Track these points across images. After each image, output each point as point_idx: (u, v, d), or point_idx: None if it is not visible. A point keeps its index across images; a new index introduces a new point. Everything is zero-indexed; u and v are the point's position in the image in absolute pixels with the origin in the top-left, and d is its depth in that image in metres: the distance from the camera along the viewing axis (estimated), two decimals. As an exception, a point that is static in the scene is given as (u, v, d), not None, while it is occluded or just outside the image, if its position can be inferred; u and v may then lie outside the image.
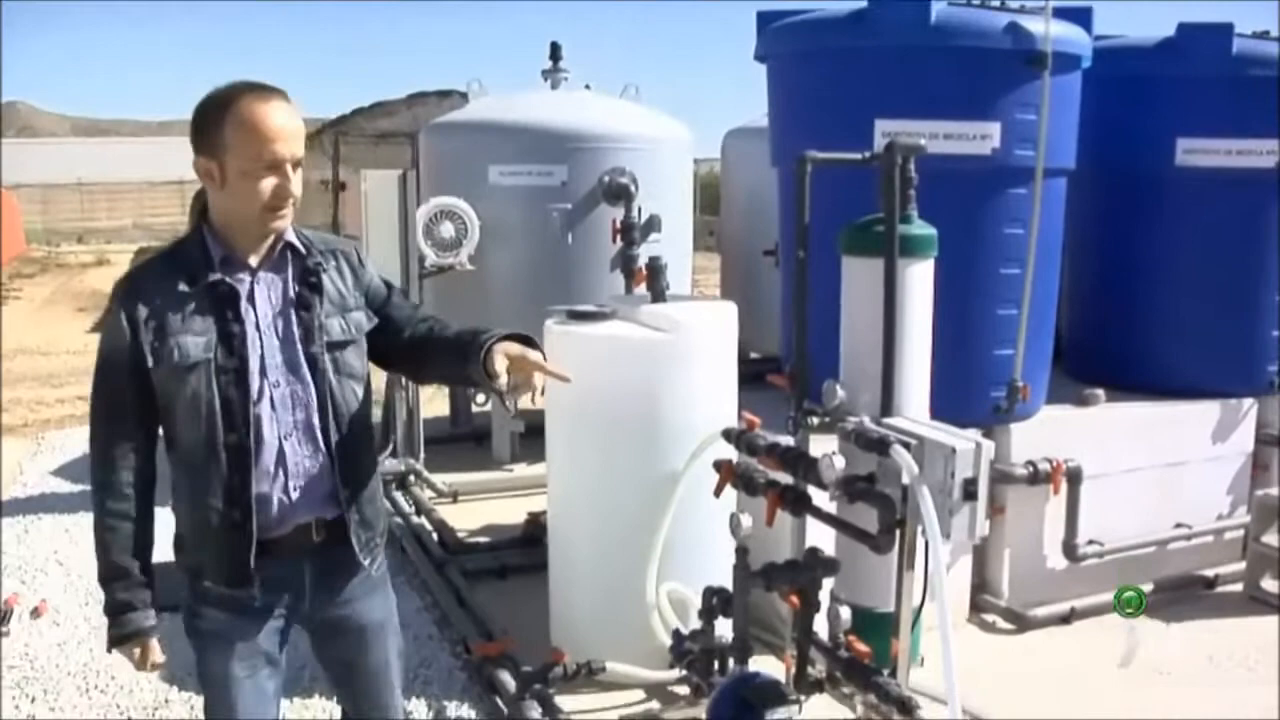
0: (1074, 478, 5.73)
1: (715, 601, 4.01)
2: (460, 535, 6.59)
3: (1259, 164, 6.21)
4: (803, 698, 3.85)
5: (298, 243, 2.85)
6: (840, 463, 3.58)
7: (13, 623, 5.62)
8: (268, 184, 2.69)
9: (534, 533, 6.17)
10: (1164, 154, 6.24)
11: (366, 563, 2.98)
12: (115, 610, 2.89)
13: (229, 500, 2.78)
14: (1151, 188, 6.38)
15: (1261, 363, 6.50)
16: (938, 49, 5.13)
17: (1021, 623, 5.65)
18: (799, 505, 3.93)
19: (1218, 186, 6.23)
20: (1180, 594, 6.06)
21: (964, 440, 3.45)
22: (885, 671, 3.79)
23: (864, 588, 4.01)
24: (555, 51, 8.88)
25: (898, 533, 3.58)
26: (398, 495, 7.37)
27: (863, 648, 3.83)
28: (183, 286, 2.77)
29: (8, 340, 16.82)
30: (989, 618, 5.74)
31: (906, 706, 3.62)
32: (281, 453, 2.82)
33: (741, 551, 3.85)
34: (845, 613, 3.87)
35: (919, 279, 3.98)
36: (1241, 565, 6.23)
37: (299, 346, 2.85)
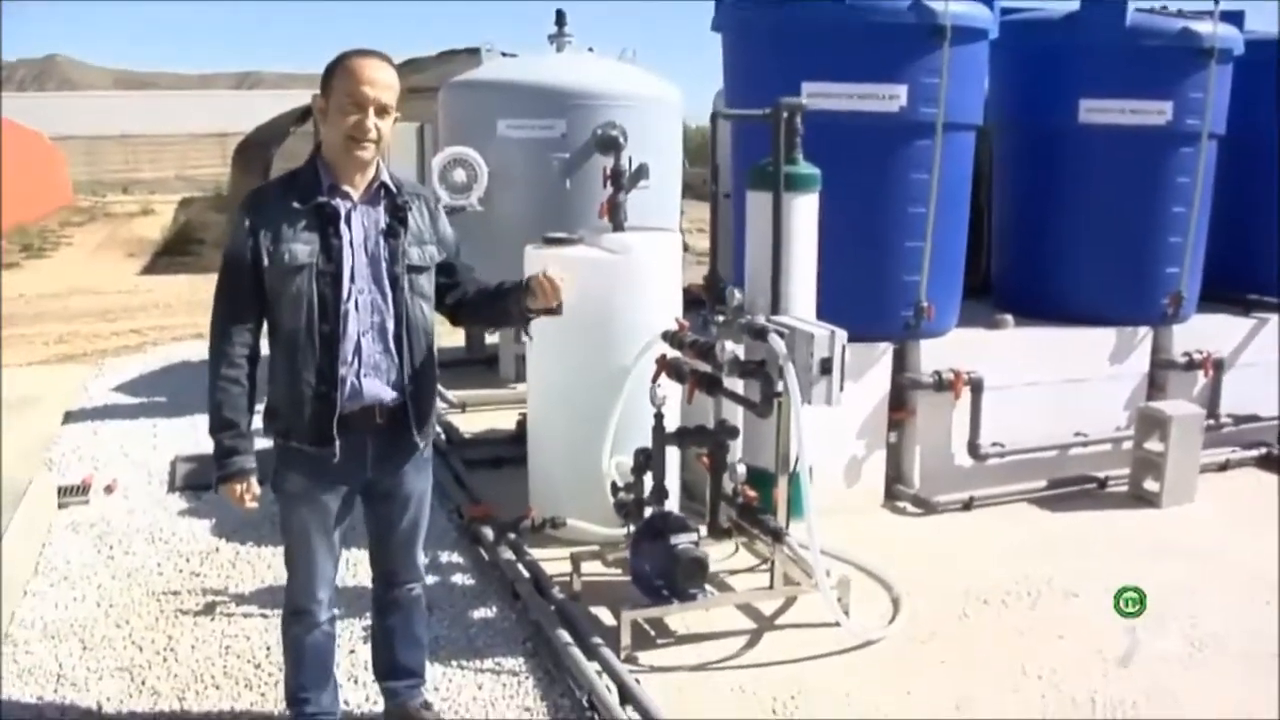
0: (976, 387, 6.78)
1: (643, 459, 5.11)
2: (464, 435, 7.72)
3: (1152, 122, 7.21)
4: (703, 530, 4.95)
5: (391, 184, 3.65)
6: (731, 348, 4.67)
7: (90, 495, 6.77)
8: (351, 119, 3.43)
9: (523, 431, 7.25)
10: (1069, 113, 7.26)
11: (420, 444, 3.82)
12: (224, 455, 3.55)
13: (319, 377, 3.51)
14: (1059, 142, 7.40)
15: (1156, 295, 7.51)
16: (854, 24, 6.16)
17: (927, 508, 6.71)
18: (711, 386, 5.02)
19: (1116, 141, 7.25)
20: (1075, 491, 7.11)
21: (822, 329, 4.55)
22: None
23: (759, 452, 5.11)
24: (560, 18, 9.87)
25: (776, 402, 4.67)
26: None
27: (752, 494, 4.94)
28: (296, 204, 3.48)
29: (63, 281, 18.06)
30: (901, 504, 6.81)
31: (779, 535, 4.74)
32: (359, 345, 3.54)
33: (658, 416, 4.96)
34: (741, 469, 4.99)
35: (804, 209, 5.07)
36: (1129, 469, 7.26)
37: (384, 265, 3.56)
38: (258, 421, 3.64)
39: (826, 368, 4.52)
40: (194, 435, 8.01)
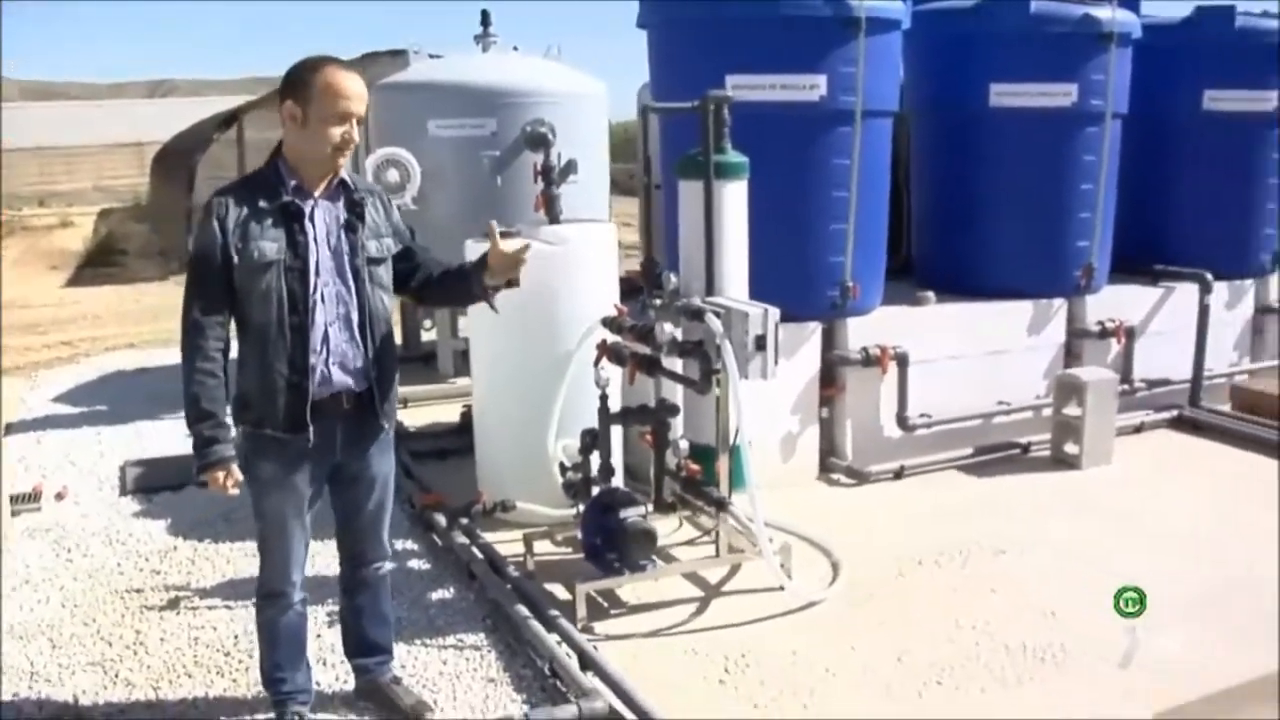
0: (902, 361, 7.09)
1: (589, 439, 5.34)
2: (409, 429, 7.89)
3: (1058, 104, 7.58)
4: (650, 506, 5.20)
5: (350, 180, 3.90)
6: (669, 329, 4.91)
7: (42, 502, 6.86)
8: (337, 130, 3.66)
9: (468, 423, 7.44)
10: (980, 97, 7.60)
11: (385, 426, 4.04)
12: (204, 444, 3.68)
13: (291, 367, 3.70)
14: (972, 126, 7.75)
15: (1069, 269, 7.89)
16: (774, 18, 6.42)
17: (860, 478, 7.02)
18: (651, 367, 5.26)
19: (1025, 123, 7.61)
20: (1000, 457, 7.45)
21: (756, 307, 4.81)
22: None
23: (700, 428, 5.37)
24: (485, 19, 10.05)
25: (714, 379, 4.92)
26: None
27: (695, 467, 5.20)
28: (262, 204, 3.67)
29: (-13, 296, 17.86)
30: (835, 476, 7.11)
31: (722, 504, 5.00)
32: (327, 335, 3.75)
33: (603, 397, 5.20)
34: (684, 444, 5.25)
35: (733, 195, 5.33)
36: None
37: (346, 259, 3.78)
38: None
39: (761, 344, 4.79)
40: (139, 442, 8.13)
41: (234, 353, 3.82)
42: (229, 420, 3.79)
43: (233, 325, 3.80)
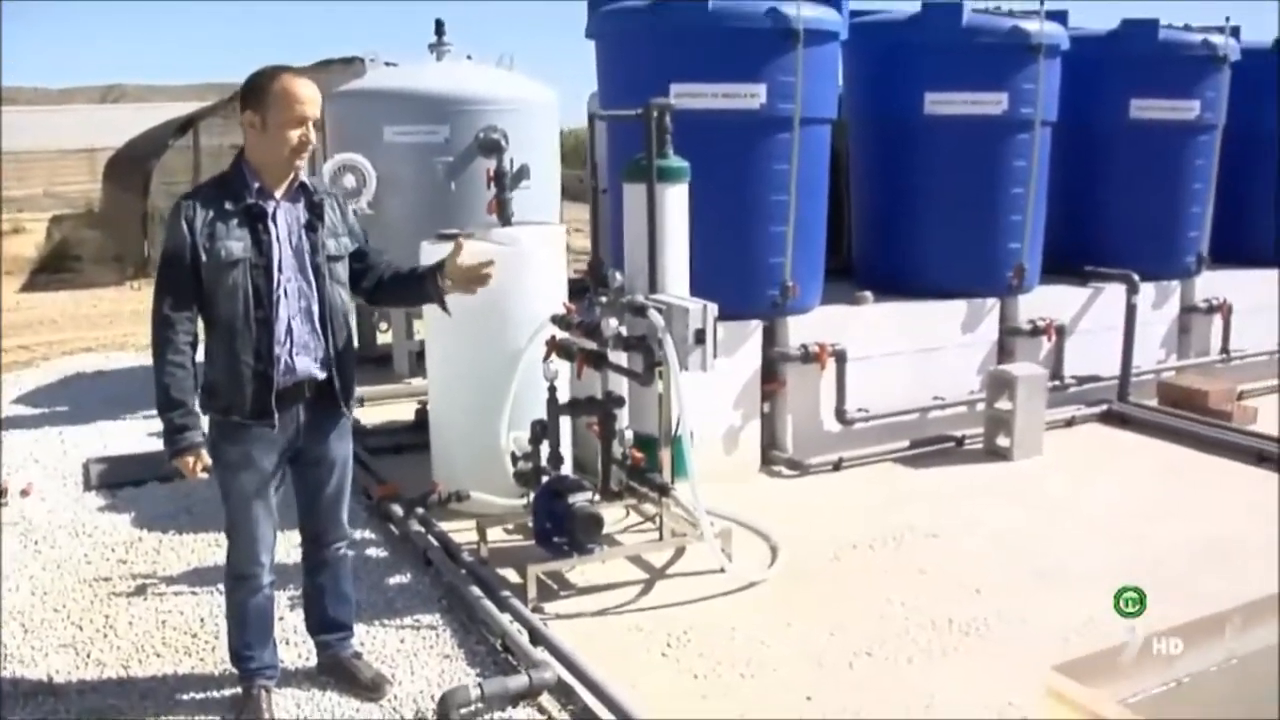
0: (840, 358, 7.41)
1: (539, 429, 5.61)
2: (365, 426, 8.13)
3: (990, 111, 7.94)
4: (597, 496, 5.48)
5: (309, 183, 4.15)
6: (614, 325, 5.20)
7: (7, 498, 7.04)
8: (294, 133, 3.90)
9: (423, 419, 7.69)
10: (915, 104, 7.95)
11: (345, 411, 4.30)
12: (175, 431, 3.93)
13: (257, 357, 3.95)
14: (908, 132, 8.10)
15: (1002, 270, 8.25)
16: (716, 29, 6.73)
17: (800, 469, 7.32)
18: (598, 362, 5.54)
19: (958, 130, 7.97)
20: (935, 450, 7.78)
21: (695, 303, 5.12)
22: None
23: (645, 419, 5.65)
24: (440, 28, 10.29)
25: (657, 371, 5.21)
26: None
27: (639, 455, 5.49)
28: (228, 205, 3.91)
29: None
30: (776, 468, 7.41)
31: (665, 489, 5.29)
32: (290, 327, 4.00)
33: (552, 389, 5.47)
34: (629, 434, 5.54)
35: (675, 198, 5.65)
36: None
37: (307, 256, 4.03)
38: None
39: (700, 338, 5.09)
40: (101, 440, 8.29)
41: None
42: (198, 409, 4.02)
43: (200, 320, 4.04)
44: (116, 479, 7.20)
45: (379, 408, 8.88)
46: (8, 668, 4.86)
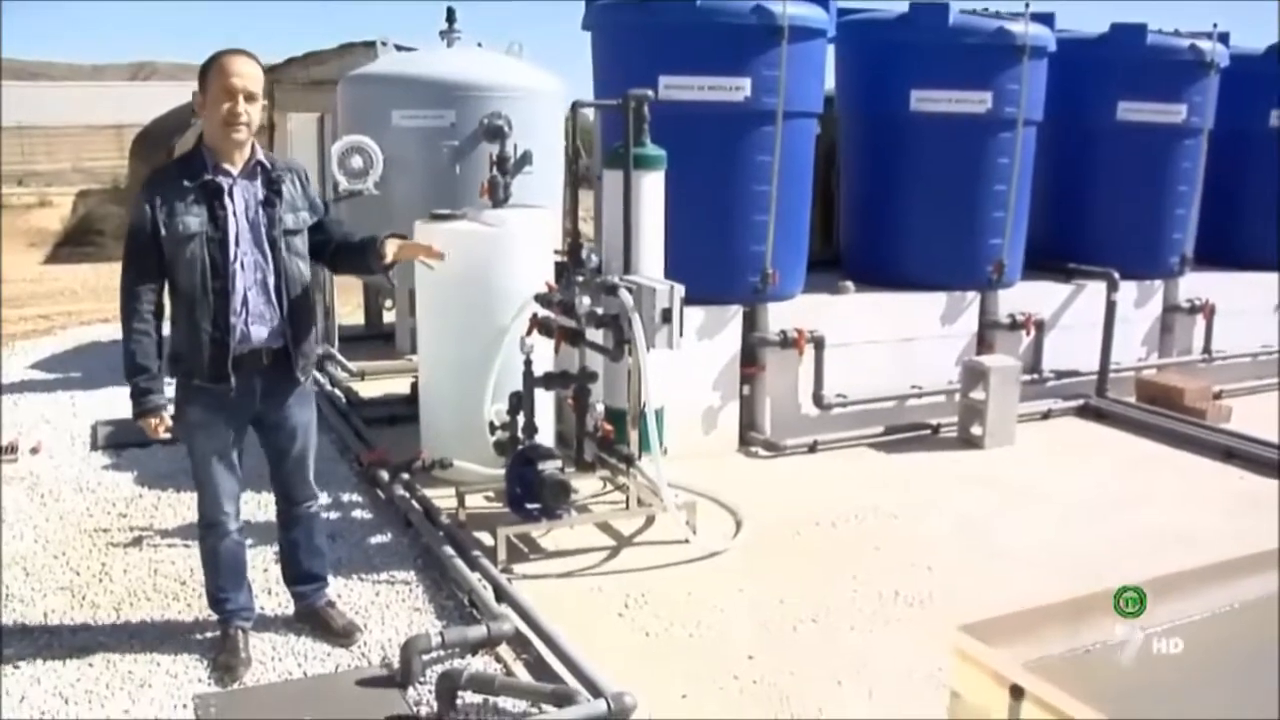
0: (818, 344, 7.68)
1: (516, 401, 5.91)
2: (363, 398, 8.45)
3: (974, 110, 8.18)
4: (571, 469, 5.77)
5: (266, 162, 4.40)
6: (587, 303, 5.49)
7: (18, 455, 7.39)
8: (225, 106, 4.13)
9: (417, 392, 7.99)
10: (902, 102, 8.20)
11: (302, 379, 4.59)
12: (140, 394, 4.24)
13: (215, 325, 4.22)
14: (894, 129, 8.35)
15: (982, 264, 8.49)
16: (704, 24, 7.01)
17: (776, 450, 7.60)
18: (574, 338, 5.83)
19: (943, 127, 8.21)
20: (910, 436, 8.04)
21: (663, 284, 5.41)
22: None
23: (617, 394, 5.95)
24: (450, 15, 10.58)
25: (626, 347, 5.50)
26: (315, 373, 9.17)
27: (609, 427, 5.78)
28: (186, 183, 4.18)
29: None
30: (753, 449, 7.69)
31: (630, 460, 5.58)
32: (246, 298, 4.27)
33: (528, 362, 5.77)
34: (600, 408, 5.83)
35: (651, 184, 5.94)
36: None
37: (263, 230, 4.29)
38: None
39: (667, 317, 5.38)
40: (110, 405, 8.62)
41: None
42: (161, 374, 4.34)
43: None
44: (122, 440, 7.53)
45: (379, 381, 9.21)
46: (9, 605, 5.19)
